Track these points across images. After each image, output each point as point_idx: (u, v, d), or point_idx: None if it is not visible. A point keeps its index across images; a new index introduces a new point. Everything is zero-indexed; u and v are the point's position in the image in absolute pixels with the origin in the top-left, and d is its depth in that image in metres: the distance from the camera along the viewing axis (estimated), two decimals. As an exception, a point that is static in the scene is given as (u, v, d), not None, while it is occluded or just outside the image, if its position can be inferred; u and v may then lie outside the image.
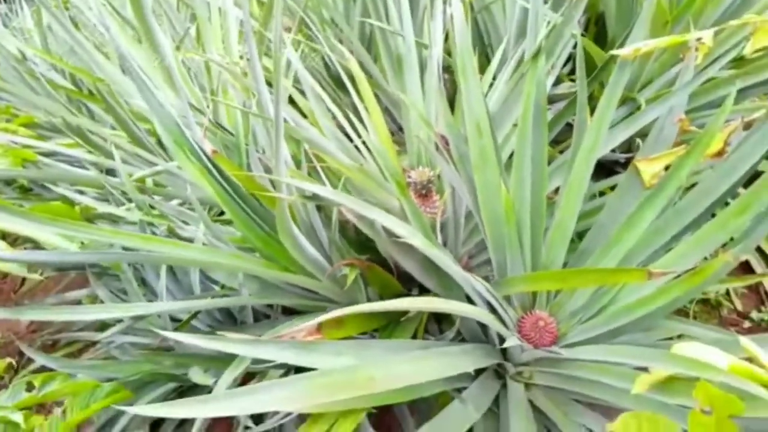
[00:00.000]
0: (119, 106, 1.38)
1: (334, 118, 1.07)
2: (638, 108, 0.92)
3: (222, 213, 1.30)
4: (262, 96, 0.68)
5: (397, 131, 1.57)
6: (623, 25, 1.07)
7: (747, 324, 1.34)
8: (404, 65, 1.07)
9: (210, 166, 0.80)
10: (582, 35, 1.11)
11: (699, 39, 0.58)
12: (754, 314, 1.33)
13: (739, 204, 0.61)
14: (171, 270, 1.00)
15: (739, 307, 1.36)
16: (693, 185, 0.78)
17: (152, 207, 1.07)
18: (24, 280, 2.07)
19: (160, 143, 1.42)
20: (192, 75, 1.53)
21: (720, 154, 0.71)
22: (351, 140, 1.06)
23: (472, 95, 0.69)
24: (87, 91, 1.86)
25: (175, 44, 1.60)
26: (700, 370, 0.44)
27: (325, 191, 0.67)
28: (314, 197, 0.72)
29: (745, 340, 0.55)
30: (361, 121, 1.05)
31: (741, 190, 0.78)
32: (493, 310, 0.82)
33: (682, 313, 1.38)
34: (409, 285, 0.98)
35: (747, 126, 0.69)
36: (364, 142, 1.03)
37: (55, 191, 1.24)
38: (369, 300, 0.95)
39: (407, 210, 0.72)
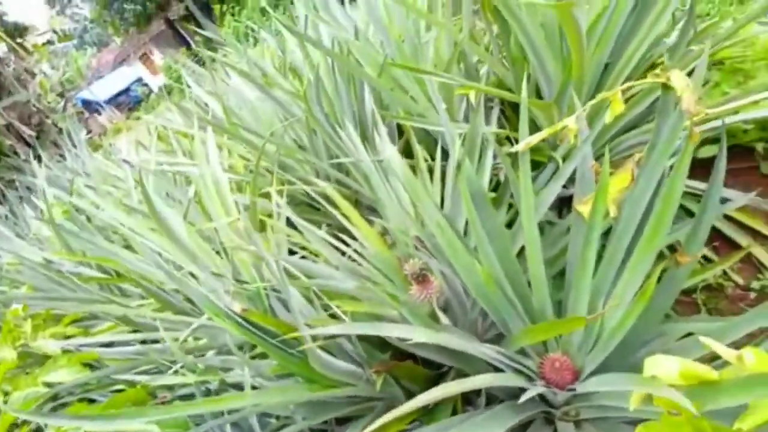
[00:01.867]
0: (147, 282, 1.58)
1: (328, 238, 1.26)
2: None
3: (254, 347, 1.44)
4: (273, 268, 0.86)
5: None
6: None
7: (753, 295, 1.41)
8: (371, 180, 1.28)
9: (241, 320, 0.96)
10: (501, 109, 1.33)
11: (566, 126, 0.77)
12: (755, 284, 1.41)
13: (653, 224, 0.76)
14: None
15: (741, 281, 1.44)
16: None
17: (197, 364, 1.22)
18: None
19: (188, 299, 1.61)
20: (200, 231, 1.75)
21: (631, 181, 0.87)
22: (343, 252, 1.24)
23: (427, 208, 0.87)
24: (114, 273, 2.09)
25: (182, 213, 1.85)
26: (648, 385, 0.56)
27: (341, 329, 0.81)
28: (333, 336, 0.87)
29: (704, 339, 0.66)
30: (347, 233, 1.24)
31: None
32: (512, 367, 0.93)
33: (693, 305, 1.46)
34: (437, 365, 1.10)
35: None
36: (356, 251, 1.21)
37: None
38: (404, 389, 1.06)
39: (406, 315, 0.86)
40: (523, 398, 0.84)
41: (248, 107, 1.86)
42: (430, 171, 1.38)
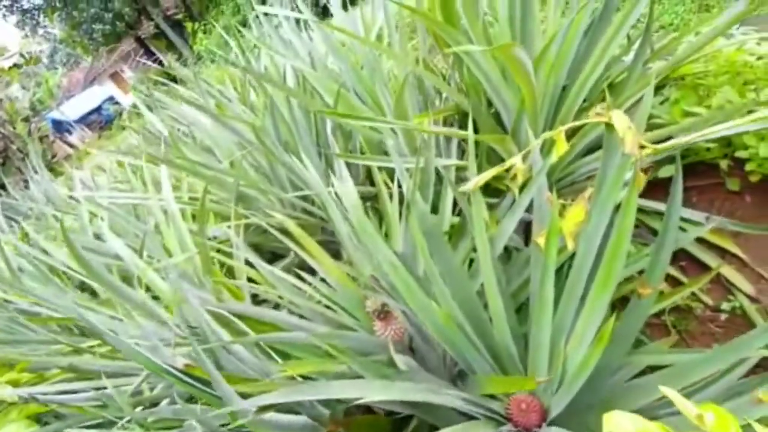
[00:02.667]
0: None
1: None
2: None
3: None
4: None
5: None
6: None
7: (723, 316, 1.39)
8: (330, 213, 1.23)
9: (182, 375, 0.89)
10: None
11: (514, 165, 0.74)
12: (725, 305, 1.39)
13: (608, 259, 0.73)
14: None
15: (710, 302, 1.42)
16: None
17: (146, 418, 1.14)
18: None
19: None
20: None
21: (585, 216, 0.84)
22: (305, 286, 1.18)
23: (378, 248, 0.82)
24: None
25: (138, 249, 1.77)
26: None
27: (282, 395, 0.73)
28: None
29: (665, 389, 0.63)
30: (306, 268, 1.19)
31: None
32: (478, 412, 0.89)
33: (663, 328, 1.43)
34: (398, 413, 1.05)
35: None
36: (315, 288, 1.16)
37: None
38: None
39: (358, 369, 0.81)
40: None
41: (207, 134, 1.79)
42: (393, 197, 1.34)
